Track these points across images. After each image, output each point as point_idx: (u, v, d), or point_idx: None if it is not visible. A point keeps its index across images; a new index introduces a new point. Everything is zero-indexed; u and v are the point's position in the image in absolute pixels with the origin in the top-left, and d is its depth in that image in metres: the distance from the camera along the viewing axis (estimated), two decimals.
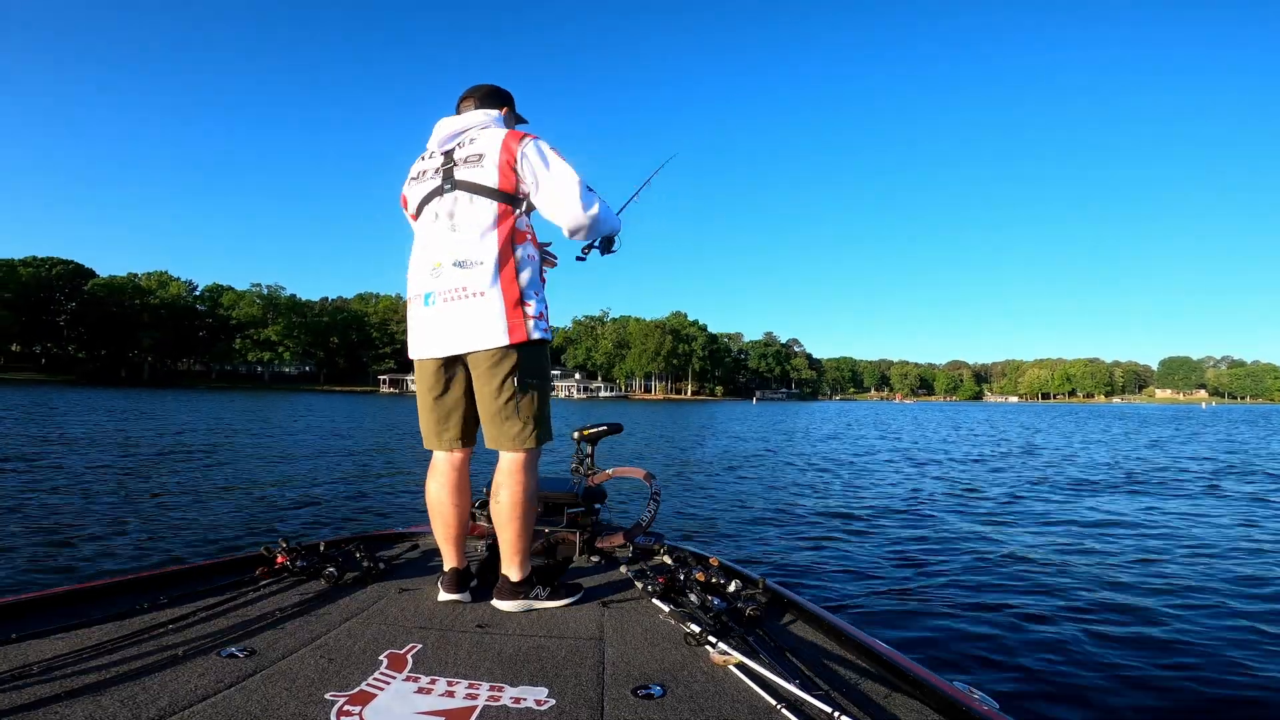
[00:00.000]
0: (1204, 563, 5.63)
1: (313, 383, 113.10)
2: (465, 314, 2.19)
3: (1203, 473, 12.78)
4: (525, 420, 2.23)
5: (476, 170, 2.25)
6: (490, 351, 2.20)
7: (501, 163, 2.23)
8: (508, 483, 2.23)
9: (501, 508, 2.23)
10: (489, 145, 2.27)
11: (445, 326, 2.23)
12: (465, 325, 2.19)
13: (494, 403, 2.23)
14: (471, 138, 2.33)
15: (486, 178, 2.23)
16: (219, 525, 6.39)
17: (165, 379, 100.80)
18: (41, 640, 1.76)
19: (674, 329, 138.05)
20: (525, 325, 2.20)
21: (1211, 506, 8.73)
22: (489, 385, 2.24)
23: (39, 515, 6.47)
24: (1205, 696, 3.17)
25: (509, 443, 2.24)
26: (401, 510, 7.64)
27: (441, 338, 2.25)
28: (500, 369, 2.21)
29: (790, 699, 1.52)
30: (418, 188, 2.39)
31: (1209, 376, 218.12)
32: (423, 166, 2.41)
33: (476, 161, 2.26)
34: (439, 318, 2.23)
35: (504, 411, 2.22)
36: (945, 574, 5.18)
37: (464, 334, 2.20)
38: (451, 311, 2.21)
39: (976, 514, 7.96)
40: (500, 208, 2.23)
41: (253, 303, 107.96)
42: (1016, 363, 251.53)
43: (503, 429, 2.23)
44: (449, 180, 2.29)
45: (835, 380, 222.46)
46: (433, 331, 2.26)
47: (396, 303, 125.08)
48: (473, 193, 2.24)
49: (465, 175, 2.27)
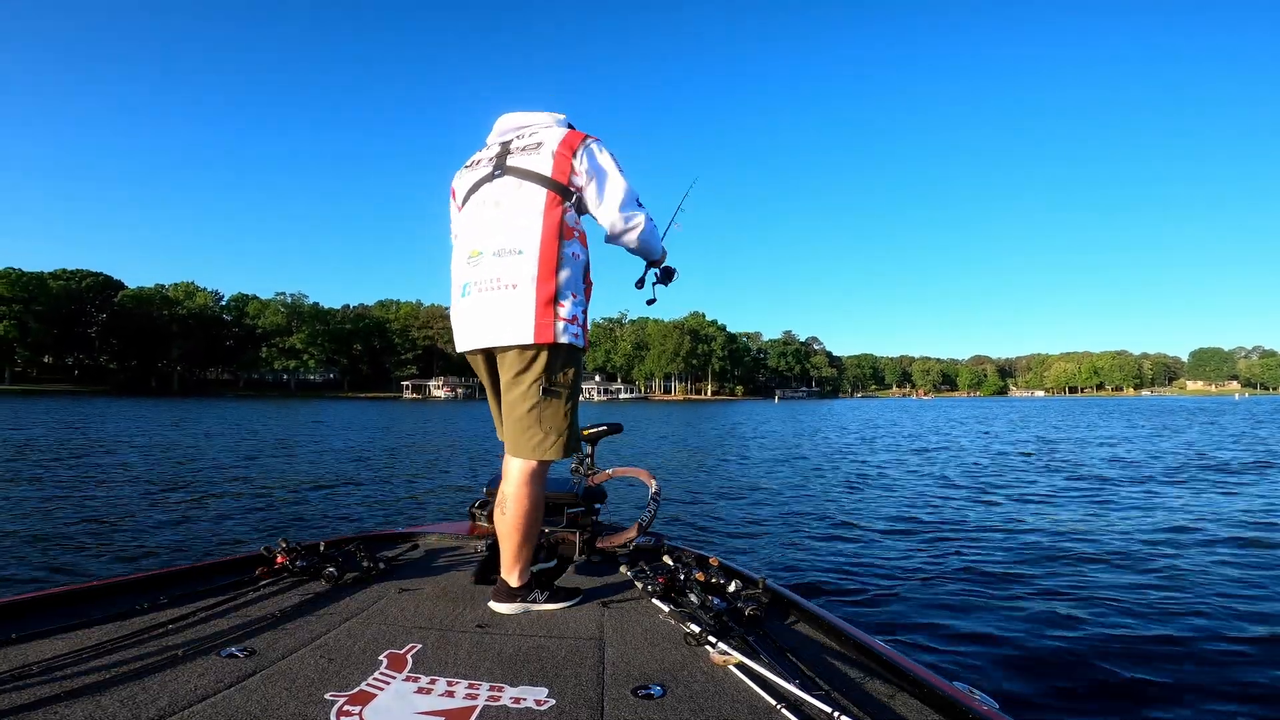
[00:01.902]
0: (1208, 561, 5.55)
1: (337, 390, 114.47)
2: (496, 305, 2.11)
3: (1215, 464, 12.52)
4: (547, 430, 2.14)
5: (532, 156, 2.19)
6: (515, 350, 2.12)
7: (559, 151, 2.16)
8: (516, 493, 2.16)
9: (508, 518, 2.17)
10: (549, 137, 2.22)
11: (478, 317, 2.16)
12: (494, 317, 2.11)
13: (516, 408, 2.15)
14: (532, 131, 2.29)
15: (540, 164, 2.16)
16: (219, 525, 6.50)
17: (194, 388, 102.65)
18: (41, 640, 1.77)
19: (693, 329, 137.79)
20: (554, 326, 2.08)
21: (1224, 503, 8.52)
22: (513, 389, 2.16)
23: (61, 516, 6.62)
24: (1206, 697, 3.13)
25: (527, 451, 2.14)
26: (402, 510, 7.72)
27: (474, 330, 2.18)
28: (527, 374, 2.12)
29: (790, 699, 1.51)
30: (468, 175, 2.34)
31: (1241, 367, 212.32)
32: (478, 156, 2.38)
33: (534, 149, 2.20)
34: (473, 309, 2.17)
35: (525, 419, 2.13)
36: (946, 574, 5.15)
37: (492, 327, 2.12)
38: (484, 302, 2.13)
39: (977, 514, 7.86)
40: (550, 196, 2.13)
41: (277, 311, 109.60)
42: (1042, 356, 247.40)
43: (522, 436, 2.14)
44: (500, 166, 2.23)
45: (856, 378, 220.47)
46: (468, 323, 2.20)
47: (417, 309, 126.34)
48: (522, 178, 2.17)
49: (518, 161, 2.21)
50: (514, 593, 2.20)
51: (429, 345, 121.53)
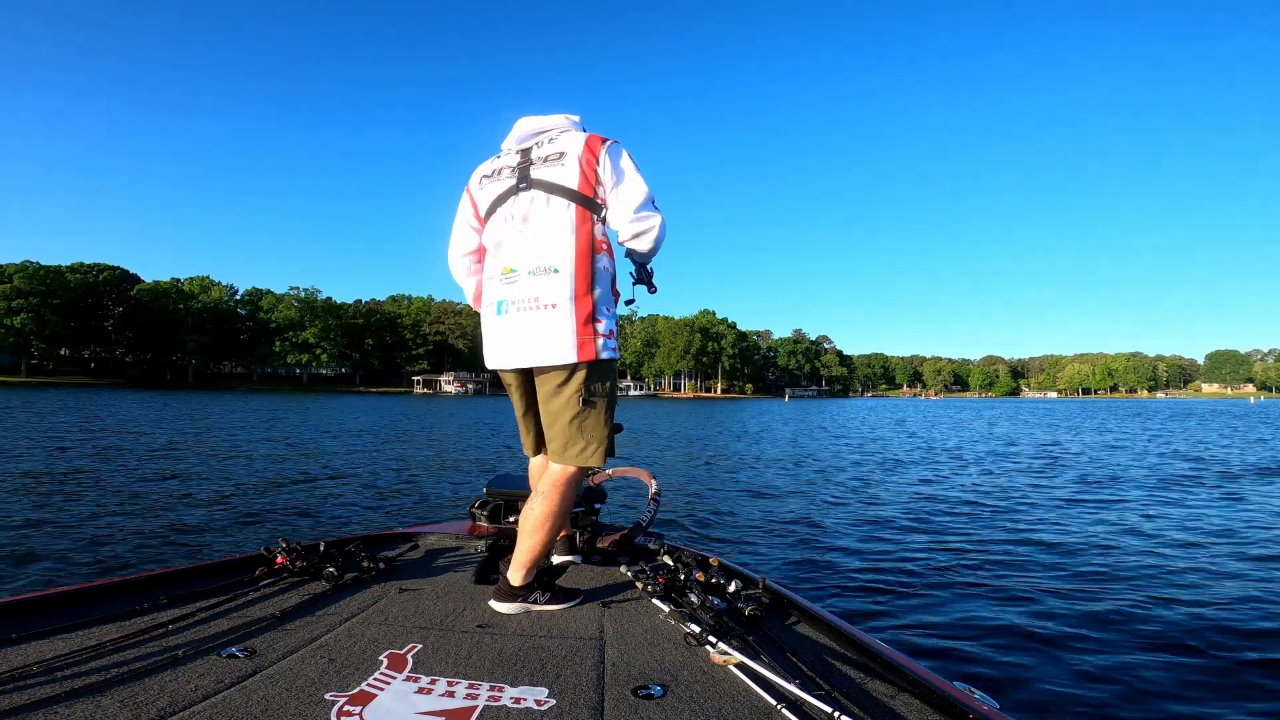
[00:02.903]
0: (1209, 562, 5.53)
1: (349, 384, 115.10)
2: (536, 326, 2.12)
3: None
4: (589, 439, 2.18)
5: (557, 169, 2.16)
6: (557, 369, 2.14)
7: (584, 163, 2.13)
8: (550, 493, 2.19)
9: (535, 514, 2.19)
10: (571, 144, 2.18)
11: (517, 338, 2.17)
12: (535, 338, 2.13)
13: (559, 419, 2.18)
14: (551, 137, 2.25)
15: (567, 178, 2.14)
16: (219, 525, 6.53)
17: (208, 381, 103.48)
18: (41, 640, 1.77)
19: (703, 327, 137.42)
20: (595, 343, 2.11)
21: (1221, 509, 8.42)
22: (553, 402, 2.19)
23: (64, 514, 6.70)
24: (1207, 697, 3.12)
25: (571, 458, 2.19)
26: (403, 510, 7.74)
27: (513, 350, 2.20)
28: (567, 387, 2.15)
29: (791, 699, 1.51)
30: (491, 187, 2.30)
31: (1257, 370, 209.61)
32: (496, 165, 2.33)
33: (557, 160, 2.17)
34: (511, 328, 2.18)
35: (568, 430, 2.17)
36: (946, 574, 5.14)
37: (533, 348, 2.14)
38: (524, 322, 2.14)
39: (977, 515, 7.83)
40: (579, 211, 2.12)
41: (291, 306, 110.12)
42: (1055, 357, 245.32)
43: (565, 445, 2.18)
44: (525, 179, 2.20)
45: (866, 377, 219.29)
46: (505, 343, 2.21)
47: (429, 304, 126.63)
48: (550, 193, 2.15)
49: (543, 174, 2.18)
50: (514, 592, 2.20)
51: (440, 340, 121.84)
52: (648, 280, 2.44)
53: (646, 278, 2.43)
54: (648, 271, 2.44)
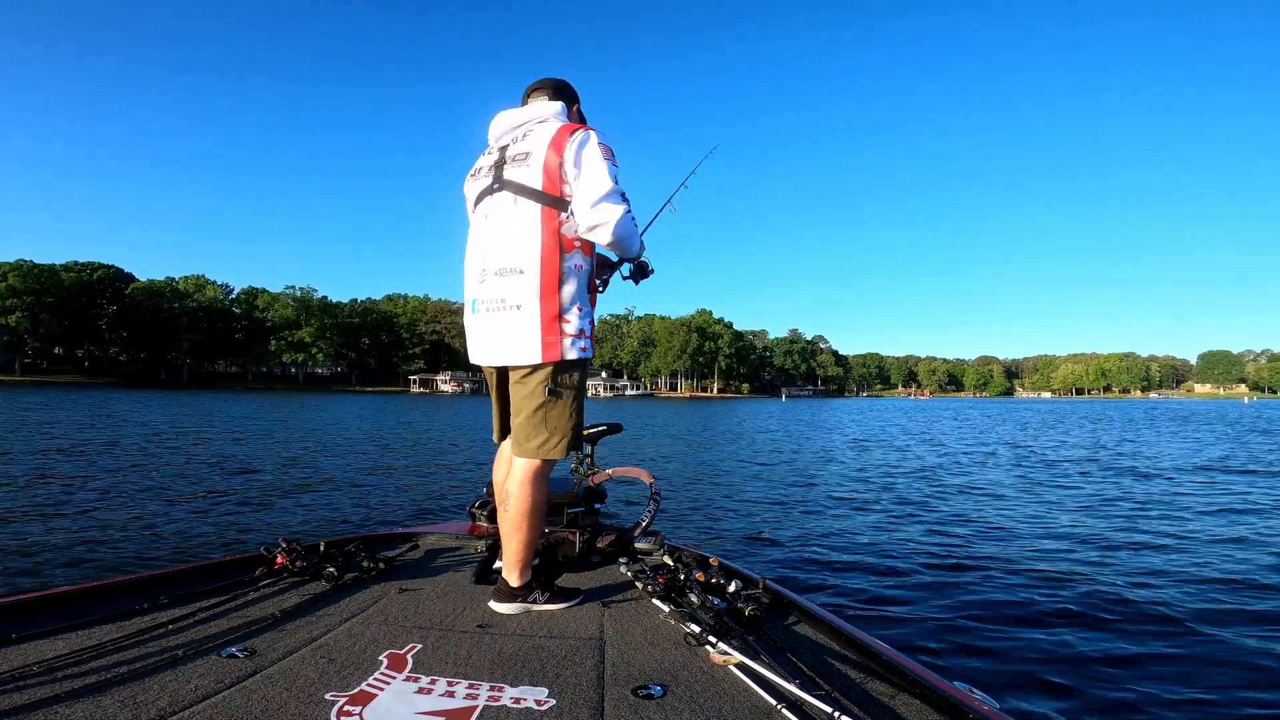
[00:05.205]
0: (1210, 561, 5.54)
1: (345, 383, 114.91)
2: (504, 326, 2.17)
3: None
4: (551, 430, 2.19)
5: (523, 169, 2.17)
6: (524, 367, 2.19)
7: (547, 162, 2.13)
8: (519, 492, 2.20)
9: (510, 516, 2.21)
10: (537, 143, 2.18)
11: (487, 336, 2.24)
12: (502, 338, 2.18)
13: (522, 409, 2.22)
14: (525, 133, 2.26)
15: (532, 178, 2.15)
16: (219, 525, 6.51)
17: (203, 380, 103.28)
18: (41, 640, 1.77)
19: (699, 327, 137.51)
20: (560, 344, 2.14)
21: (1229, 505, 8.46)
22: (519, 395, 2.23)
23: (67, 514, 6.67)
24: (1206, 696, 3.12)
25: (531, 450, 2.20)
26: (402, 510, 7.72)
27: (485, 347, 2.27)
28: (530, 381, 2.19)
29: (791, 699, 1.51)
30: (474, 185, 2.35)
31: (1249, 370, 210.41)
32: (481, 162, 2.37)
33: (523, 160, 2.18)
34: (483, 327, 2.25)
35: (531, 419, 2.19)
36: (946, 574, 5.15)
37: (502, 347, 2.20)
38: (492, 322, 2.20)
39: (977, 515, 7.84)
40: (545, 211, 2.13)
41: (286, 305, 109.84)
42: (1049, 358, 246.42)
43: (527, 437, 2.21)
44: (498, 180, 2.23)
45: (862, 377, 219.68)
46: (478, 340, 2.29)
47: (425, 303, 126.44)
48: (517, 194, 2.17)
49: (512, 175, 2.19)
50: (514, 593, 2.21)
51: (436, 340, 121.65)
52: (634, 275, 2.45)
53: (634, 273, 2.45)
54: (637, 265, 2.45)
